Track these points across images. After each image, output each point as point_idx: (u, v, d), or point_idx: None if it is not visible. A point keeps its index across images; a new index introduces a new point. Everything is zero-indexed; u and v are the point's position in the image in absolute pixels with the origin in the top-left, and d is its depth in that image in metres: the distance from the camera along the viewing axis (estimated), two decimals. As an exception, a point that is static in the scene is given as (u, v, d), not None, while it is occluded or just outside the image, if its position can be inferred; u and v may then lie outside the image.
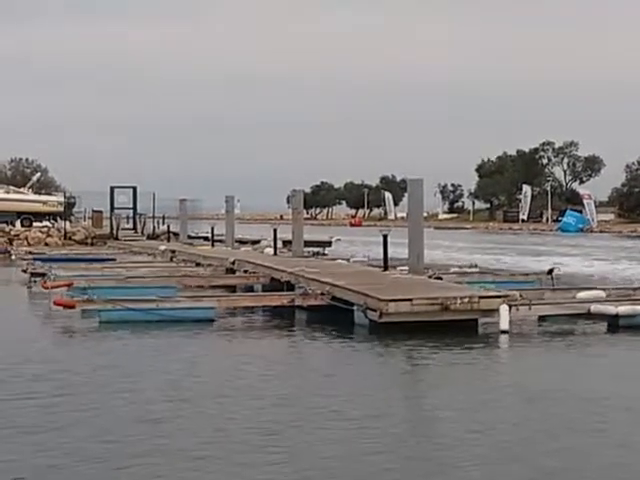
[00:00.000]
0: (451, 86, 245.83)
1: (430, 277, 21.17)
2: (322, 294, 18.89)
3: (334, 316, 17.82)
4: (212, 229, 38.42)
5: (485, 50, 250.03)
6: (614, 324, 17.18)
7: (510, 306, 16.78)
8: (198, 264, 28.04)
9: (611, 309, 17.31)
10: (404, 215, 72.13)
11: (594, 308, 17.56)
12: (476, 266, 26.89)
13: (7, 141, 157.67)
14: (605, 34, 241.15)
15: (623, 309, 17.27)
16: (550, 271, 23.09)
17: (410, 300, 16.74)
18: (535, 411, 10.62)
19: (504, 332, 16.24)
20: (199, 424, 9.85)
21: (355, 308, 17.43)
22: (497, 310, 16.64)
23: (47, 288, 20.38)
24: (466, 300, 16.93)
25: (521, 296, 17.74)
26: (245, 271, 24.46)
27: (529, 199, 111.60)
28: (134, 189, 52.93)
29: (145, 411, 10.38)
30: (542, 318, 17.76)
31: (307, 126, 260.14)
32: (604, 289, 19.69)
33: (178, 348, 15.17)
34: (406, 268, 22.05)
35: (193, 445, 8.98)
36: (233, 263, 25.44)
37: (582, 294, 18.87)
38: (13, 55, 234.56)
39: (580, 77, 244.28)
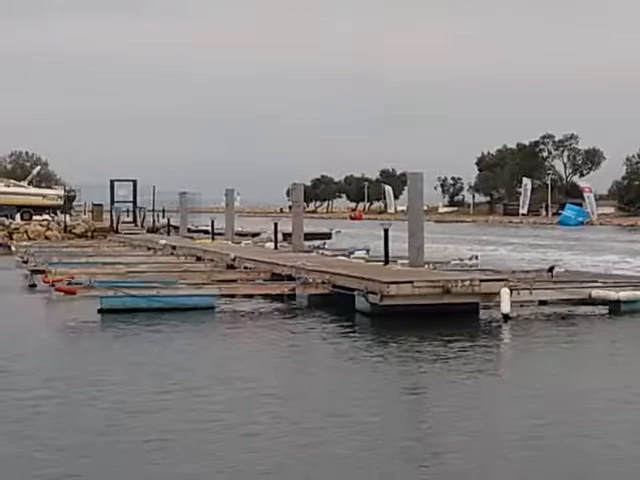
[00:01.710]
0: (451, 79, 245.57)
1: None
2: (323, 283, 18.91)
3: (335, 304, 17.84)
4: (212, 222, 38.36)
5: (485, 43, 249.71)
6: (615, 310, 17.16)
7: (511, 290, 16.75)
8: (199, 258, 28.01)
9: (612, 294, 17.27)
10: (404, 208, 71.91)
11: (595, 293, 17.52)
12: (477, 258, 26.82)
13: (7, 135, 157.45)
14: (605, 29, 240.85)
15: (624, 294, 17.24)
16: (551, 269, 23.04)
17: (411, 282, 16.76)
18: (531, 404, 10.63)
19: (506, 316, 16.23)
20: (185, 415, 9.80)
21: (356, 293, 17.40)
22: (498, 293, 16.62)
23: (48, 282, 20.36)
24: (467, 283, 16.95)
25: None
26: (245, 267, 24.41)
27: (529, 192, 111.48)
28: (134, 183, 52.86)
29: (131, 402, 10.42)
30: (543, 303, 17.75)
31: (306, 120, 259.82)
32: (604, 281, 19.68)
33: (179, 336, 15.19)
34: (406, 261, 22.05)
35: (171, 435, 8.99)
36: (234, 260, 25.35)
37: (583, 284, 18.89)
38: (13, 51, 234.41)
39: (580, 70, 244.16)
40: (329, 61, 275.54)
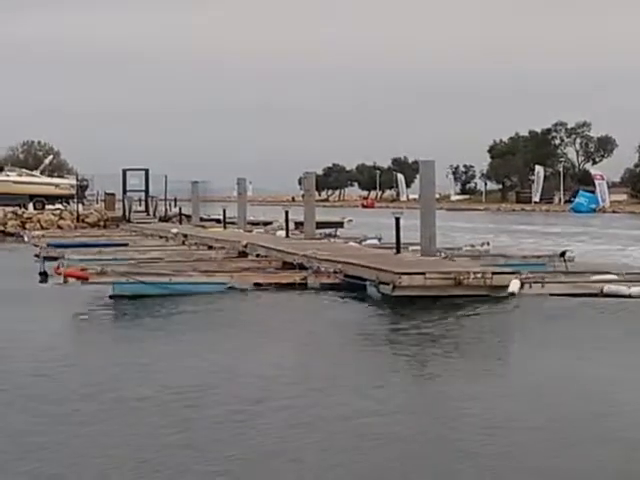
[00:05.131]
0: (461, 68, 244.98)
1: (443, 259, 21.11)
2: (335, 272, 18.92)
3: (346, 293, 17.86)
4: (224, 211, 38.43)
5: (496, 31, 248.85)
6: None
7: (522, 283, 16.77)
8: (210, 247, 28.05)
9: (624, 290, 17.29)
10: (416, 197, 71.86)
11: (607, 288, 17.55)
12: (488, 244, 26.76)
13: (19, 125, 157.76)
14: (614, 18, 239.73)
15: (636, 290, 17.24)
16: (563, 253, 22.95)
17: (423, 274, 16.80)
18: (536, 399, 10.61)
19: (512, 294, 16.28)
20: (175, 410, 9.74)
21: (368, 283, 17.43)
22: (509, 286, 16.64)
23: (60, 274, 20.36)
24: (479, 275, 16.98)
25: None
26: (257, 255, 24.45)
27: (541, 180, 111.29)
28: (146, 172, 52.89)
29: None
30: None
31: (319, 109, 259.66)
32: (617, 273, 19.59)
33: (188, 325, 15.22)
34: (418, 248, 22.02)
35: (171, 428, 8.96)
36: (245, 246, 25.46)
37: (595, 277, 18.83)
38: (15, 41, 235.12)
39: (594, 58, 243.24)
40: (337, 52, 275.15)
